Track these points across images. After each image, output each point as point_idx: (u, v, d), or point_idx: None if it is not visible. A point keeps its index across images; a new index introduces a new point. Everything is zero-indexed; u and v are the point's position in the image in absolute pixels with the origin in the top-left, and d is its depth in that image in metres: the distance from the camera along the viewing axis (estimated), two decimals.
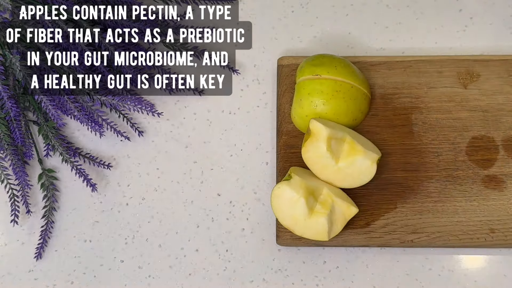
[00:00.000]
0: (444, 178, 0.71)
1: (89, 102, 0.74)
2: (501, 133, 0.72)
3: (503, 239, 0.68)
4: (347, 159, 0.67)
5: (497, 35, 0.78)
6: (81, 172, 0.73)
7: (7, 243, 0.73)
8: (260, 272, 0.71)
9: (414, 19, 0.80)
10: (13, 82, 0.73)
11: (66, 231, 0.73)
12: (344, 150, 0.67)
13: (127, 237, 0.73)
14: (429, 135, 0.72)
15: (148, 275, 0.71)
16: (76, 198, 0.74)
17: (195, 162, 0.75)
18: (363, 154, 0.67)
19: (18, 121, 0.72)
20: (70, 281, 0.71)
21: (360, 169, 0.67)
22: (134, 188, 0.74)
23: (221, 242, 0.72)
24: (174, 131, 0.76)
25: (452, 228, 0.69)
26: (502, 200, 0.70)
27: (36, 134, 0.76)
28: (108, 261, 0.72)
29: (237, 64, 0.78)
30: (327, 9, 0.80)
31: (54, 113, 0.72)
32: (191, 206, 0.73)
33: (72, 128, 0.77)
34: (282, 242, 0.70)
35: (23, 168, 0.73)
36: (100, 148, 0.76)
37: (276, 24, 0.80)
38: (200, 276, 0.71)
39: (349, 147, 0.67)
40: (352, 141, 0.67)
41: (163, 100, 0.77)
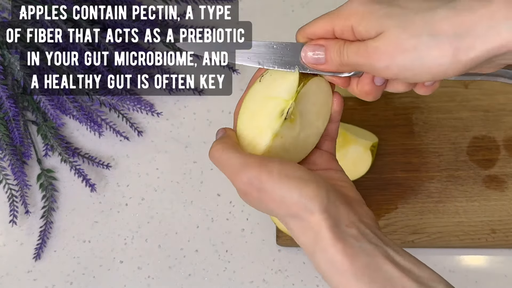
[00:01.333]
0: (445, 178, 0.70)
1: (88, 102, 0.73)
2: (502, 133, 0.72)
3: (504, 239, 0.68)
4: (340, 151, 0.66)
5: None
6: (80, 172, 0.73)
7: (5, 243, 0.73)
8: (260, 273, 0.70)
9: None
10: (12, 82, 0.73)
11: (65, 232, 0.73)
12: (338, 143, 0.67)
13: (127, 238, 0.72)
14: (430, 135, 0.72)
15: (147, 275, 0.71)
16: (75, 198, 0.74)
17: (195, 162, 0.75)
18: (354, 142, 0.66)
19: (17, 121, 0.72)
20: (69, 281, 0.71)
21: (354, 158, 0.67)
22: (134, 188, 0.74)
23: (221, 242, 0.72)
24: (174, 131, 0.76)
25: (453, 228, 0.68)
26: (503, 200, 0.69)
27: (35, 134, 0.76)
28: (108, 262, 0.72)
29: (237, 64, 0.78)
30: (327, 8, 0.80)
31: (53, 113, 0.72)
32: (191, 206, 0.73)
33: (71, 128, 0.77)
34: (282, 243, 0.70)
35: (21, 168, 0.72)
36: (99, 148, 0.76)
37: (276, 24, 0.80)
38: (200, 276, 0.71)
39: (342, 139, 0.67)
40: (344, 133, 0.67)
41: (162, 100, 0.77)
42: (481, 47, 0.40)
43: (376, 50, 0.43)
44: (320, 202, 0.42)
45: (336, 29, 0.46)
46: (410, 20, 0.42)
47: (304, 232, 0.42)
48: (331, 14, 0.46)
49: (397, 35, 0.42)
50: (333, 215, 0.42)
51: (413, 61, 0.42)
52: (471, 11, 0.40)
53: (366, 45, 0.44)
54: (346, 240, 0.41)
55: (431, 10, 0.41)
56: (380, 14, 0.43)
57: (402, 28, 0.42)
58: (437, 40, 0.41)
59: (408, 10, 0.42)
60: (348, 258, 0.41)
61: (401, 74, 0.43)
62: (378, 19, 0.43)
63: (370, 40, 0.43)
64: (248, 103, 0.48)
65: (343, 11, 0.45)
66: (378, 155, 0.71)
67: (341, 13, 0.45)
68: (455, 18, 0.40)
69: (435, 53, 0.41)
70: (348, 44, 0.45)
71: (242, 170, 0.44)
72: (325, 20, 0.47)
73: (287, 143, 0.47)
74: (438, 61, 0.41)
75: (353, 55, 0.45)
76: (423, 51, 0.41)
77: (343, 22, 0.45)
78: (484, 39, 0.40)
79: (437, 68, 0.42)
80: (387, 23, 0.42)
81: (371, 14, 0.43)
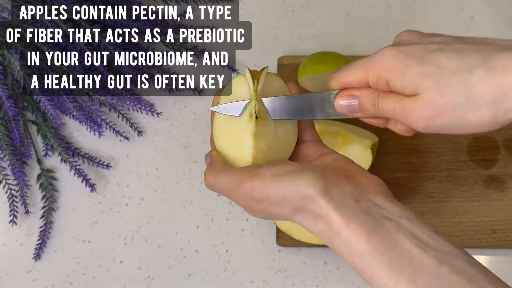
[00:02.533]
0: (445, 178, 0.70)
1: (88, 102, 0.73)
2: (502, 133, 0.72)
3: (504, 239, 0.68)
4: (341, 150, 0.66)
5: (498, 34, 0.78)
6: (80, 172, 0.73)
7: (5, 243, 0.73)
8: (260, 273, 0.70)
9: (415, 19, 0.79)
10: (12, 82, 0.73)
11: (65, 232, 0.73)
12: (338, 143, 0.67)
13: (126, 238, 0.72)
14: (430, 135, 0.72)
15: (147, 275, 0.71)
16: (75, 199, 0.74)
17: (195, 162, 0.75)
18: (355, 142, 0.66)
19: (17, 121, 0.72)
20: (69, 281, 0.71)
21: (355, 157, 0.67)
22: (134, 188, 0.74)
23: (221, 242, 0.72)
24: (174, 131, 0.76)
25: (453, 228, 0.68)
26: (503, 200, 0.69)
27: (35, 134, 0.76)
28: (107, 262, 0.72)
29: (237, 64, 0.78)
30: (327, 8, 0.80)
31: (53, 113, 0.72)
32: (191, 206, 0.73)
33: (71, 128, 0.77)
34: (282, 243, 0.69)
35: (21, 168, 0.72)
36: (99, 148, 0.76)
37: (276, 24, 0.80)
38: (200, 276, 0.71)
39: (342, 139, 0.67)
40: (345, 133, 0.67)
41: (162, 100, 0.77)
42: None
43: (413, 112, 0.43)
44: (319, 187, 0.41)
45: (371, 80, 0.45)
46: (447, 82, 0.42)
47: (314, 222, 0.42)
48: (365, 64, 0.46)
49: (435, 98, 0.42)
50: (337, 195, 0.41)
51: (450, 124, 0.42)
52: (506, 72, 0.40)
53: (403, 105, 0.44)
54: (357, 217, 0.40)
55: (468, 72, 0.41)
56: (414, 72, 0.43)
57: (439, 91, 0.42)
58: (474, 104, 0.41)
59: (444, 70, 0.42)
60: (363, 236, 0.40)
61: (439, 131, 0.43)
62: (413, 78, 0.43)
63: (407, 99, 0.43)
64: (217, 126, 0.49)
65: (377, 62, 0.45)
66: (378, 155, 0.71)
67: (375, 65, 0.45)
68: (492, 81, 0.41)
69: (474, 118, 0.41)
70: (383, 98, 0.45)
71: (237, 188, 0.44)
72: (359, 69, 0.46)
73: (271, 141, 0.47)
74: (476, 124, 0.42)
75: (389, 111, 0.45)
76: (461, 115, 0.42)
77: (378, 74, 0.45)
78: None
79: (475, 129, 0.42)
80: (424, 84, 0.42)
81: (405, 70, 0.43)
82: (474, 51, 0.42)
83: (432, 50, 0.43)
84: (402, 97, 0.44)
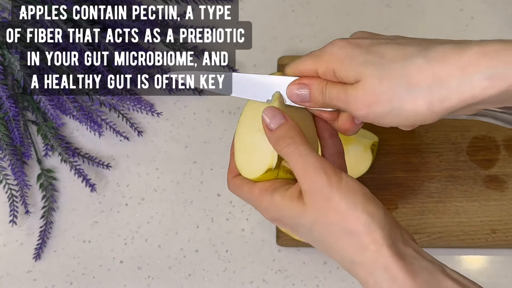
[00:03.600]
0: (445, 178, 0.70)
1: (88, 102, 0.73)
2: (502, 133, 0.72)
3: (504, 239, 0.68)
4: None
5: (498, 34, 0.78)
6: (80, 172, 0.73)
7: (5, 243, 0.73)
8: (260, 273, 0.70)
9: (415, 19, 0.79)
10: (12, 82, 0.73)
11: (65, 232, 0.73)
12: None
13: (127, 238, 0.72)
14: (430, 135, 0.72)
15: (147, 275, 0.71)
16: (75, 199, 0.74)
17: (195, 162, 0.75)
18: (355, 142, 0.66)
19: (17, 121, 0.72)
20: (69, 281, 0.71)
21: (355, 157, 0.67)
22: (134, 188, 0.74)
23: (221, 242, 0.72)
24: (174, 131, 0.76)
25: (453, 228, 0.68)
26: (503, 200, 0.69)
27: (35, 134, 0.76)
28: (107, 262, 0.72)
29: (237, 64, 0.78)
30: (327, 8, 0.80)
31: (53, 113, 0.72)
32: (191, 206, 0.73)
33: (71, 128, 0.77)
34: (282, 243, 0.70)
35: (21, 168, 0.72)
36: (99, 148, 0.76)
37: (276, 24, 0.80)
38: (200, 276, 0.71)
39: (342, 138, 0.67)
40: None
41: (162, 100, 0.77)
42: (454, 99, 0.41)
43: (355, 98, 0.44)
44: (379, 221, 0.43)
45: (320, 70, 0.47)
46: (387, 70, 0.43)
47: (361, 251, 0.43)
48: (315, 55, 0.47)
49: (374, 85, 0.43)
50: (390, 234, 0.43)
51: (389, 112, 0.43)
52: (444, 63, 0.41)
53: (346, 92, 0.45)
54: (406, 257, 0.42)
55: (407, 60, 0.43)
56: (358, 61, 0.44)
57: (379, 78, 0.43)
58: (412, 93, 0.42)
59: (385, 58, 0.43)
60: (410, 275, 0.42)
61: (379, 121, 0.44)
62: (356, 66, 0.44)
63: (350, 87, 0.45)
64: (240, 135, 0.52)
65: (325, 53, 0.47)
66: (378, 154, 0.71)
67: (324, 55, 0.47)
68: (429, 70, 0.42)
69: (410, 105, 0.42)
70: (330, 86, 0.47)
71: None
72: (310, 60, 0.48)
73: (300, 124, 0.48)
74: (413, 112, 0.43)
75: (334, 99, 0.46)
76: (398, 103, 0.43)
77: (326, 65, 0.46)
78: (456, 91, 0.41)
79: (413, 118, 0.43)
80: (365, 72, 0.44)
81: (350, 60, 0.45)
82: (417, 44, 0.43)
83: (379, 43, 0.45)
84: (347, 85, 0.45)
